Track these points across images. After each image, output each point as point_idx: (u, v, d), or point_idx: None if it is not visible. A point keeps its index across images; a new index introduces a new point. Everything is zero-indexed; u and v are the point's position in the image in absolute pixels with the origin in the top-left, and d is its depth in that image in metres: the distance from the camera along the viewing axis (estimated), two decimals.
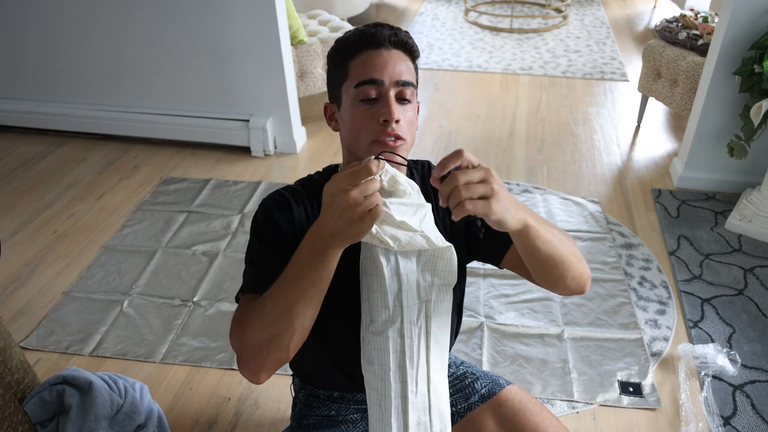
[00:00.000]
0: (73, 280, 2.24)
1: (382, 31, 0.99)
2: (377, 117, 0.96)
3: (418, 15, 5.17)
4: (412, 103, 1.01)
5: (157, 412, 1.60)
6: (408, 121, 0.99)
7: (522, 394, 1.18)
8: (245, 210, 2.62)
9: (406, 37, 1.02)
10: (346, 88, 1.00)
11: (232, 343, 0.93)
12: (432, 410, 0.96)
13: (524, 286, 2.16)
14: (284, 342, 0.86)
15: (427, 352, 0.95)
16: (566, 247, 0.95)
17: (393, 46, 1.00)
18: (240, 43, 2.81)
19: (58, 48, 3.05)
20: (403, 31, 1.02)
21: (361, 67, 0.98)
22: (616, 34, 4.74)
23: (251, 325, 0.88)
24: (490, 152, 3.07)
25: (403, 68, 1.00)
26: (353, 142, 1.00)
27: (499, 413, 1.14)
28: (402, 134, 0.97)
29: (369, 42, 0.99)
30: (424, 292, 0.94)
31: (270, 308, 0.86)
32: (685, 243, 2.37)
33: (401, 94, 0.99)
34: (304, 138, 3.18)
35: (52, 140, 3.22)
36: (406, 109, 0.99)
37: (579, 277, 0.99)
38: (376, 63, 0.98)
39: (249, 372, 0.90)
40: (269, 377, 0.90)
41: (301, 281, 0.84)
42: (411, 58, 1.03)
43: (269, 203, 1.03)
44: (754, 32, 2.31)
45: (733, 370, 1.80)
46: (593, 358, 1.88)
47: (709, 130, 2.59)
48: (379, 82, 0.97)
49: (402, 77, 0.99)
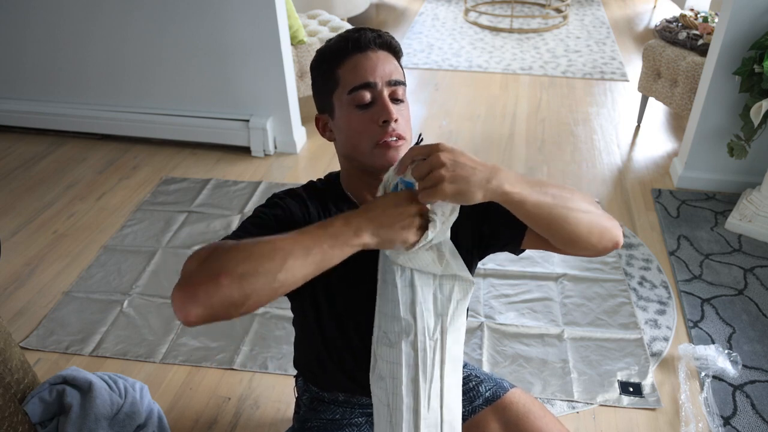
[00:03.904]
0: (73, 280, 2.24)
1: (365, 34, 0.99)
2: (376, 119, 0.96)
3: (418, 15, 5.17)
4: (405, 102, 1.01)
5: (157, 412, 1.60)
6: (405, 120, 1.00)
7: (526, 397, 1.18)
8: (245, 210, 2.62)
9: (389, 38, 1.02)
10: (338, 96, 1.00)
11: (184, 266, 0.76)
12: (444, 427, 0.94)
13: (524, 286, 2.16)
14: (253, 285, 0.73)
15: (441, 367, 0.92)
16: (570, 203, 0.87)
17: (379, 47, 0.99)
18: (240, 43, 2.81)
19: (58, 48, 3.05)
20: (385, 32, 1.03)
21: (352, 72, 0.97)
22: (616, 34, 4.74)
23: (225, 254, 0.75)
24: (490, 152, 3.07)
25: (392, 68, 1.00)
26: (353, 150, 0.99)
27: (503, 417, 1.14)
28: (402, 133, 0.98)
29: (355, 47, 0.98)
30: (441, 306, 0.92)
31: (262, 247, 0.75)
32: (685, 243, 2.37)
33: (394, 94, 0.99)
34: (304, 138, 3.18)
35: (52, 140, 3.22)
36: (401, 108, 0.99)
37: (599, 232, 0.90)
38: (366, 66, 0.97)
39: (184, 299, 0.72)
40: (198, 321, 0.73)
41: (313, 244, 0.77)
42: (396, 58, 1.03)
43: (285, 193, 1.05)
44: (754, 32, 2.31)
45: (734, 371, 1.80)
46: (593, 358, 1.88)
47: (709, 130, 2.59)
48: (373, 85, 0.97)
49: (393, 77, 0.99)
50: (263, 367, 1.87)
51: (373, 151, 0.97)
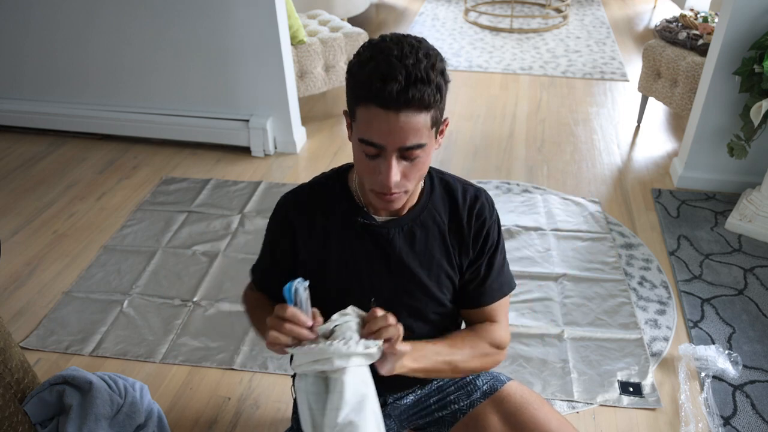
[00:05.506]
0: (73, 280, 2.24)
1: (391, 87, 0.85)
2: (377, 172, 0.93)
3: (418, 15, 5.17)
4: (422, 155, 0.93)
5: (157, 412, 1.60)
6: (416, 170, 0.95)
7: (523, 389, 1.18)
8: (245, 210, 2.62)
9: (422, 90, 0.86)
10: (354, 120, 0.94)
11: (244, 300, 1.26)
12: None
13: (524, 287, 2.16)
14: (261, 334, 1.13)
15: None
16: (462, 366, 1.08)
17: (404, 105, 0.86)
18: (240, 43, 2.81)
19: (58, 48, 3.05)
20: (422, 74, 0.86)
21: (365, 123, 0.89)
22: (616, 34, 4.74)
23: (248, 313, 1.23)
24: (490, 152, 3.07)
25: (412, 131, 0.89)
26: (357, 173, 0.99)
27: (502, 409, 1.14)
28: (401, 189, 0.95)
29: (376, 97, 0.86)
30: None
31: (249, 318, 1.22)
32: (685, 243, 2.37)
33: (407, 155, 0.92)
34: (304, 138, 3.18)
35: (52, 140, 3.22)
36: (411, 163, 0.93)
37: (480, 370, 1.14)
38: (380, 127, 0.88)
39: None
40: None
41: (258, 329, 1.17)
42: (428, 110, 0.89)
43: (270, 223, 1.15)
44: (754, 32, 2.31)
45: (735, 372, 1.80)
46: (593, 358, 1.88)
47: (709, 130, 2.59)
48: (380, 147, 0.90)
49: (409, 143, 0.89)
50: (263, 367, 1.87)
51: (370, 192, 0.98)
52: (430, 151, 0.95)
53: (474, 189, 1.12)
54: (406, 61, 0.86)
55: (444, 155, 3.04)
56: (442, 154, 3.05)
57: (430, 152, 0.96)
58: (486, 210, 1.10)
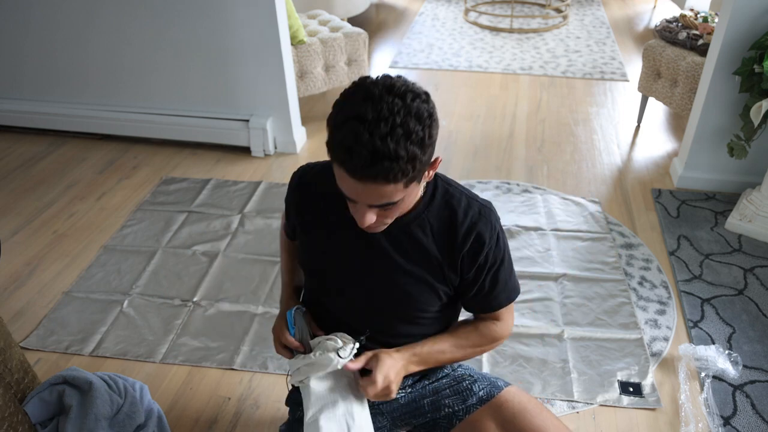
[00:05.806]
0: (73, 280, 2.24)
1: (356, 162, 0.84)
2: (354, 210, 0.97)
3: (418, 15, 5.17)
4: (399, 204, 0.94)
5: (157, 412, 1.60)
6: (394, 212, 0.97)
7: (521, 395, 1.17)
8: (245, 210, 2.62)
9: (388, 166, 0.84)
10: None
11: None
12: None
13: (524, 286, 2.16)
14: None
15: None
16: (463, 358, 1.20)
17: (368, 179, 0.86)
18: (240, 43, 2.81)
19: (57, 48, 3.05)
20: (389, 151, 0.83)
21: (338, 177, 0.92)
22: (616, 34, 4.74)
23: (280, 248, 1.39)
24: (490, 152, 3.07)
25: (381, 196, 0.89)
26: None
27: (499, 416, 1.13)
28: (379, 226, 1.00)
29: (343, 164, 0.87)
30: None
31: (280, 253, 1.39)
32: (685, 243, 2.37)
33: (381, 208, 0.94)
34: (304, 138, 3.18)
35: (52, 140, 3.22)
36: (387, 210, 0.95)
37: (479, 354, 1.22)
38: (349, 187, 0.91)
39: None
40: None
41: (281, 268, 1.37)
42: (395, 182, 0.87)
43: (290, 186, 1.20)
44: (754, 32, 2.31)
45: (735, 372, 1.80)
46: (593, 358, 1.88)
47: (709, 130, 2.59)
48: (354, 201, 0.94)
49: (378, 203, 0.91)
50: (263, 367, 1.87)
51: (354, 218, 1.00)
52: (412, 195, 0.97)
53: (478, 206, 1.09)
54: (376, 133, 0.82)
55: (444, 155, 3.04)
56: (442, 155, 3.05)
57: (412, 195, 0.98)
58: (487, 233, 1.06)
